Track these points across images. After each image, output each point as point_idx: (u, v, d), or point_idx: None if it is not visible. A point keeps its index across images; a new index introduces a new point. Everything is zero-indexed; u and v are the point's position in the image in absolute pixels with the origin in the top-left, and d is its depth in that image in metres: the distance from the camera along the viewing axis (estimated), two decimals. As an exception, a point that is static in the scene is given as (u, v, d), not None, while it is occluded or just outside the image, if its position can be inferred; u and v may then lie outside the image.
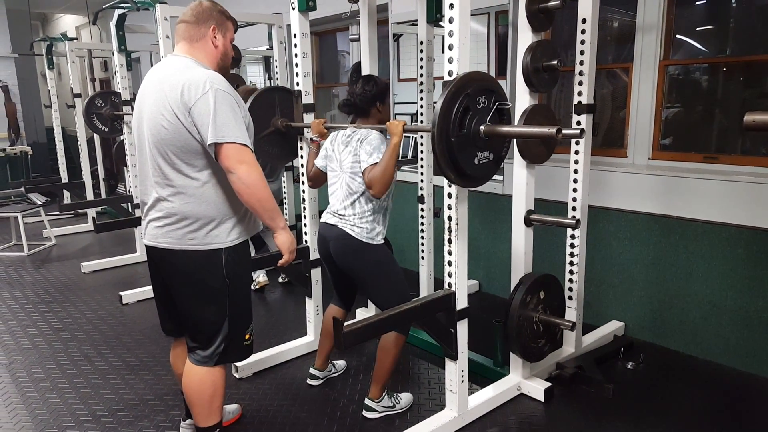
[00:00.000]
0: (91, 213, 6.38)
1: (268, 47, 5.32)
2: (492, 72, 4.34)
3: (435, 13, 3.17)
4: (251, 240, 3.89)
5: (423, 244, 3.52)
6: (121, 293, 4.07)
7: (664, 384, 2.80)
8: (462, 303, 2.29)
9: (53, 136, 6.65)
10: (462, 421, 2.44)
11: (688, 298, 3.05)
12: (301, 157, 2.96)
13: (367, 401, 2.53)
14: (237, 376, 2.90)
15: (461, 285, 2.27)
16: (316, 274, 3.06)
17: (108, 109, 5.47)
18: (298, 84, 2.83)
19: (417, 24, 3.28)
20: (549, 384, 2.66)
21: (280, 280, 4.38)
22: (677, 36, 3.14)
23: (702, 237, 2.96)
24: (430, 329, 2.33)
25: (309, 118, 2.87)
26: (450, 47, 2.01)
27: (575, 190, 2.78)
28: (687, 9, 3.21)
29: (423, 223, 3.48)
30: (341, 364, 2.96)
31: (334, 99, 5.94)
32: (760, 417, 2.53)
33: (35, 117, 9.26)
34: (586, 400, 2.65)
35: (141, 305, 4.02)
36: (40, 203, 6.34)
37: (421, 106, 3.37)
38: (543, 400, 2.61)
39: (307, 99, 2.85)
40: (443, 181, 2.14)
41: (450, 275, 2.26)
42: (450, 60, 2.01)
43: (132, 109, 3.78)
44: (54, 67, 6.58)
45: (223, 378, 2.11)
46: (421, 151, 3.40)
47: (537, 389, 2.64)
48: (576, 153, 2.75)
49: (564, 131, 1.83)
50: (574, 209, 2.81)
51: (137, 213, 4.84)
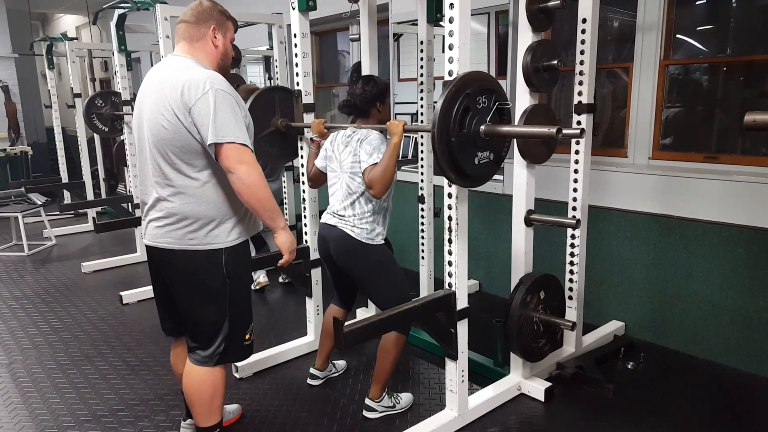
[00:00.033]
0: (92, 213, 6.38)
1: (268, 47, 5.32)
2: (492, 72, 4.33)
3: (435, 13, 3.17)
4: (252, 240, 3.90)
5: (423, 244, 3.52)
6: (122, 293, 4.07)
7: (664, 384, 2.80)
8: (462, 303, 2.29)
9: (53, 136, 6.65)
10: (462, 421, 2.44)
11: (688, 297, 3.05)
12: (301, 157, 2.96)
13: (368, 401, 2.53)
14: (237, 376, 2.90)
15: (461, 285, 2.27)
16: (316, 274, 3.06)
17: (108, 109, 5.47)
18: (298, 84, 2.83)
19: (417, 24, 3.28)
20: (549, 384, 2.66)
21: (280, 280, 4.38)
22: (677, 36, 3.14)
23: (702, 237, 2.96)
24: (430, 329, 2.33)
25: (309, 118, 2.87)
26: (450, 47, 2.01)
27: (575, 189, 2.78)
28: (687, 9, 3.21)
29: (423, 223, 3.48)
30: (341, 364, 2.96)
31: (334, 99, 5.94)
32: (760, 417, 2.53)
33: (35, 117, 9.26)
34: (586, 400, 2.65)
35: (141, 305, 4.02)
36: (40, 203, 6.34)
37: (422, 106, 3.37)
38: (543, 400, 2.61)
39: (307, 99, 2.85)
40: (443, 181, 2.14)
41: (450, 275, 2.26)
42: (450, 60, 2.01)
43: (132, 109, 3.78)
44: (54, 67, 6.59)
45: (224, 378, 2.11)
46: (422, 151, 3.40)
47: (537, 389, 2.64)
48: (576, 153, 2.75)
49: (564, 131, 1.83)
50: (574, 209, 2.81)
51: (137, 213, 4.84)
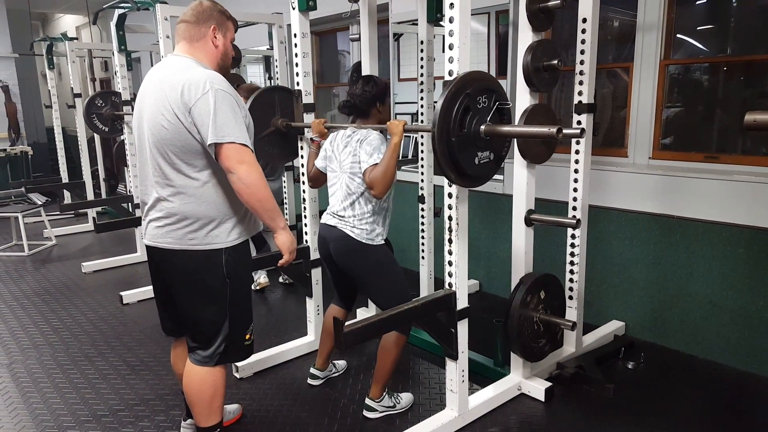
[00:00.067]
0: (92, 213, 6.38)
1: (268, 47, 5.31)
2: (492, 72, 4.33)
3: (435, 13, 3.17)
4: (252, 239, 3.89)
5: (423, 243, 3.52)
6: (122, 293, 4.07)
7: (664, 384, 2.80)
8: (462, 303, 2.29)
9: (53, 136, 6.64)
10: (462, 421, 2.44)
11: (688, 297, 3.05)
12: (302, 157, 2.96)
13: (368, 401, 2.53)
14: (237, 376, 2.90)
15: (462, 285, 2.26)
16: (316, 274, 3.06)
17: (108, 109, 5.47)
18: (298, 84, 2.83)
19: (417, 23, 3.28)
20: (549, 384, 2.65)
21: (281, 280, 4.38)
22: (678, 35, 3.14)
23: (702, 237, 2.96)
24: (430, 329, 2.33)
25: (309, 117, 2.87)
26: (450, 47, 2.00)
27: (576, 189, 2.78)
28: (687, 8, 3.20)
29: (423, 223, 3.48)
30: (342, 364, 2.96)
31: (334, 99, 5.94)
32: (760, 416, 2.53)
33: (35, 117, 9.26)
34: (586, 399, 2.65)
35: (141, 305, 4.02)
36: (40, 203, 6.34)
37: (422, 105, 3.37)
38: (543, 399, 2.61)
39: (308, 99, 2.85)
40: (444, 181, 2.14)
41: (450, 275, 2.26)
42: (450, 60, 2.01)
43: (132, 109, 3.78)
44: (54, 67, 6.58)
45: (224, 378, 2.11)
46: (422, 151, 3.40)
47: (537, 389, 2.64)
48: (576, 153, 2.75)
49: (564, 131, 1.83)
50: (574, 209, 2.81)
51: (137, 213, 4.84)
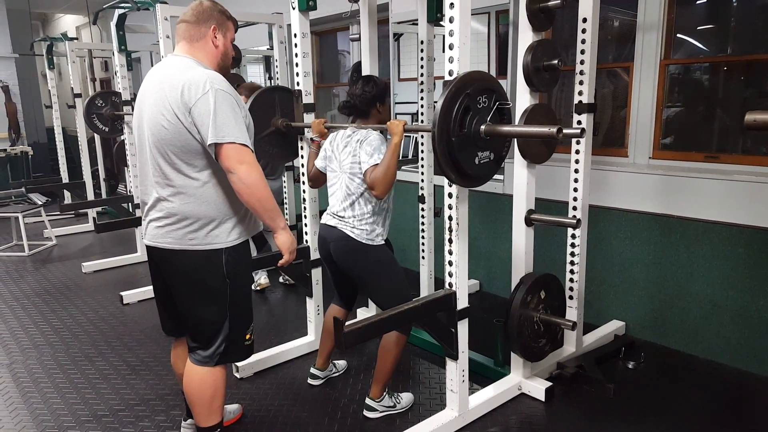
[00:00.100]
0: (92, 213, 6.39)
1: (268, 47, 5.31)
2: (492, 71, 4.33)
3: (435, 13, 3.17)
4: (253, 239, 3.89)
5: (424, 243, 3.52)
6: (122, 293, 4.07)
7: (664, 383, 2.80)
8: (463, 303, 2.29)
9: (54, 136, 6.64)
10: (463, 421, 2.44)
11: (688, 297, 3.05)
12: (302, 157, 2.96)
13: (368, 401, 2.53)
14: (238, 375, 2.90)
15: (462, 285, 2.26)
16: (316, 274, 3.06)
17: (108, 109, 5.47)
18: (298, 84, 2.83)
19: (417, 23, 3.28)
20: (550, 383, 2.65)
21: (281, 280, 4.38)
22: (678, 35, 3.14)
23: (703, 236, 2.95)
24: (430, 329, 2.33)
25: (309, 117, 2.87)
26: (450, 47, 2.00)
27: (576, 189, 2.78)
28: (688, 8, 3.20)
29: (424, 223, 3.48)
30: (342, 363, 2.96)
31: (334, 99, 5.94)
32: (760, 416, 2.53)
33: (36, 117, 9.26)
34: (586, 399, 2.65)
35: (142, 305, 4.02)
36: (40, 203, 6.35)
37: (422, 105, 3.37)
38: (544, 399, 2.61)
39: (308, 99, 2.85)
40: (444, 181, 2.14)
41: (450, 275, 2.26)
42: (450, 59, 2.01)
43: (132, 109, 3.78)
44: (54, 67, 6.58)
45: (224, 378, 2.11)
46: (422, 151, 3.40)
47: (538, 389, 2.64)
48: (577, 152, 2.75)
49: (565, 131, 1.83)
50: (574, 209, 2.81)
51: (138, 213, 4.84)
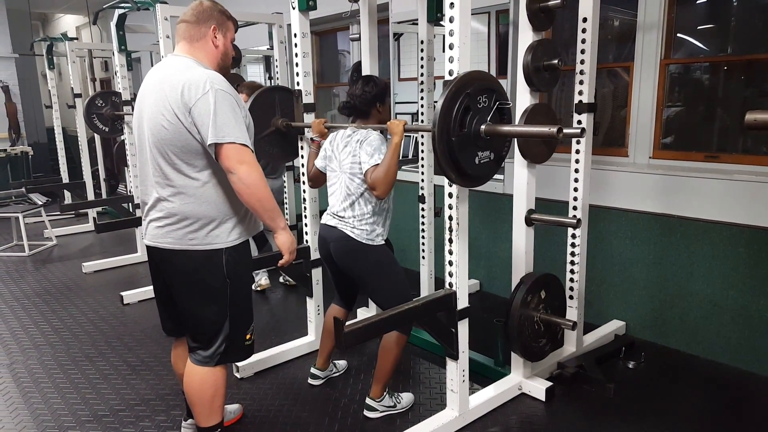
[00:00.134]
0: (92, 213, 6.39)
1: (268, 47, 5.31)
2: (492, 71, 4.33)
3: (435, 13, 3.17)
4: (253, 239, 3.89)
5: (424, 243, 3.52)
6: (122, 293, 4.07)
7: (665, 383, 2.79)
8: (463, 303, 2.29)
9: (54, 136, 6.64)
10: (463, 421, 2.44)
11: (689, 297, 3.05)
12: (302, 157, 2.96)
13: (368, 401, 2.53)
14: (238, 375, 2.90)
15: (462, 285, 2.26)
16: (316, 273, 3.06)
17: (108, 109, 5.47)
18: (298, 84, 2.83)
19: (417, 23, 3.28)
20: (550, 383, 2.65)
21: (281, 280, 4.38)
22: (678, 35, 3.14)
23: (703, 236, 2.95)
24: (431, 329, 2.33)
25: (309, 117, 2.87)
26: (450, 46, 2.00)
27: (576, 189, 2.78)
28: (688, 8, 3.20)
29: (424, 223, 3.48)
30: (342, 363, 2.96)
31: (334, 99, 5.94)
32: (761, 416, 2.53)
33: (36, 117, 9.26)
34: (587, 399, 2.65)
35: (142, 305, 4.02)
36: (41, 203, 6.34)
37: (422, 105, 3.37)
38: (544, 399, 2.61)
39: (308, 99, 2.85)
40: (444, 181, 2.14)
41: (451, 275, 2.26)
42: (450, 59, 2.01)
43: (132, 109, 3.78)
44: (54, 67, 6.58)
45: (224, 378, 2.11)
46: (422, 151, 3.40)
47: (538, 389, 2.64)
48: (577, 152, 2.75)
49: (565, 130, 1.83)
50: (575, 208, 2.80)
51: (138, 213, 4.84)
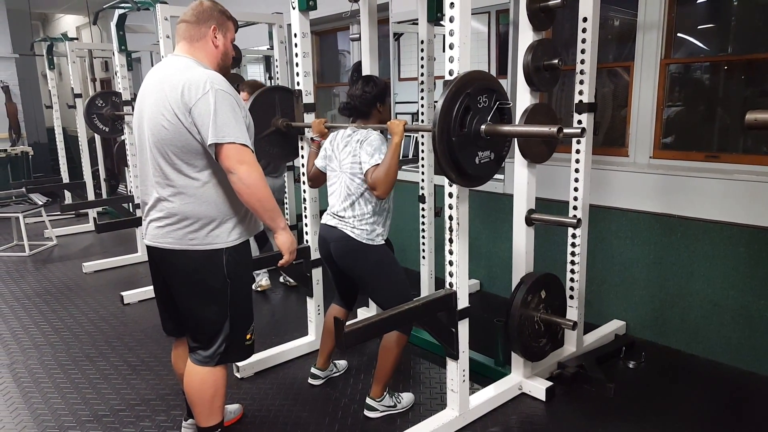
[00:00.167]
0: (92, 213, 6.39)
1: (268, 47, 5.31)
2: (493, 71, 4.33)
3: (435, 12, 3.17)
4: (255, 238, 3.89)
5: (424, 243, 3.52)
6: (123, 293, 4.07)
7: (665, 383, 2.79)
8: (463, 302, 2.29)
9: (54, 136, 6.65)
10: (463, 421, 2.44)
11: (689, 297, 3.05)
12: (302, 157, 2.96)
13: (369, 401, 2.53)
14: (238, 375, 2.90)
15: (462, 284, 2.26)
16: (317, 273, 3.06)
17: (109, 109, 5.47)
18: (298, 84, 2.83)
19: (417, 23, 3.28)
20: (550, 383, 2.65)
21: (281, 280, 4.38)
22: (678, 34, 3.14)
23: (703, 236, 2.95)
24: (431, 329, 2.33)
25: (309, 117, 2.87)
26: (451, 46, 2.00)
27: (576, 189, 2.78)
28: (688, 7, 3.20)
29: (424, 223, 3.48)
30: (342, 363, 2.96)
31: (334, 98, 5.94)
32: (761, 416, 2.53)
33: (36, 117, 9.27)
34: (587, 399, 2.65)
35: (142, 305, 4.02)
36: (41, 203, 6.34)
37: (422, 105, 3.37)
38: (544, 399, 2.61)
39: (308, 99, 2.85)
40: (444, 181, 2.14)
41: (451, 275, 2.25)
42: (451, 59, 2.01)
43: (132, 109, 3.79)
44: (55, 68, 6.58)
45: (225, 378, 2.11)
46: (422, 151, 3.40)
47: (538, 388, 2.64)
48: (577, 152, 2.75)
49: (565, 130, 1.83)
50: (575, 208, 2.80)
51: (138, 213, 4.84)
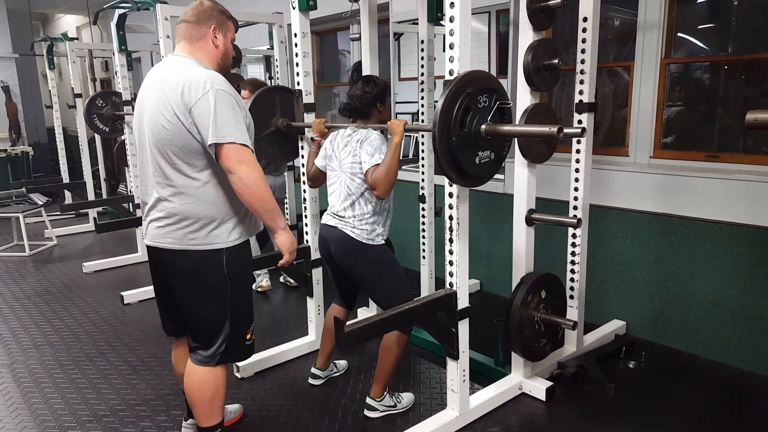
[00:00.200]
0: (93, 213, 6.39)
1: (268, 47, 5.31)
2: (493, 71, 4.33)
3: (436, 12, 3.17)
4: (256, 237, 3.89)
5: (424, 243, 3.51)
6: (123, 293, 4.07)
7: (665, 383, 2.79)
8: (463, 302, 2.29)
9: (54, 136, 6.65)
10: (463, 421, 2.44)
11: (689, 297, 3.04)
12: (302, 157, 2.96)
13: (369, 400, 2.53)
14: (238, 375, 2.90)
15: (462, 284, 2.26)
16: (317, 273, 3.06)
17: (109, 109, 5.47)
18: (298, 83, 2.83)
19: (418, 23, 3.28)
20: (550, 383, 2.65)
21: (281, 280, 4.38)
22: (678, 34, 3.14)
23: (703, 236, 2.95)
24: (431, 329, 2.32)
25: (310, 117, 2.87)
26: (451, 46, 2.00)
27: (576, 189, 2.78)
28: (688, 7, 3.20)
29: (424, 223, 3.48)
30: (343, 363, 2.96)
31: (334, 98, 5.94)
32: (761, 416, 2.53)
33: (36, 117, 9.27)
34: (587, 399, 2.65)
35: (142, 305, 4.02)
36: (41, 203, 6.34)
37: (422, 105, 3.37)
38: (544, 399, 2.61)
39: (308, 98, 2.85)
40: (444, 181, 2.14)
41: (451, 275, 2.25)
42: (451, 59, 2.01)
43: (133, 109, 3.79)
44: (55, 67, 6.58)
45: (225, 378, 2.11)
46: (422, 151, 3.39)
47: (538, 388, 2.64)
48: (577, 152, 2.75)
49: (565, 130, 1.83)
50: (575, 208, 2.80)
51: (138, 213, 4.84)
